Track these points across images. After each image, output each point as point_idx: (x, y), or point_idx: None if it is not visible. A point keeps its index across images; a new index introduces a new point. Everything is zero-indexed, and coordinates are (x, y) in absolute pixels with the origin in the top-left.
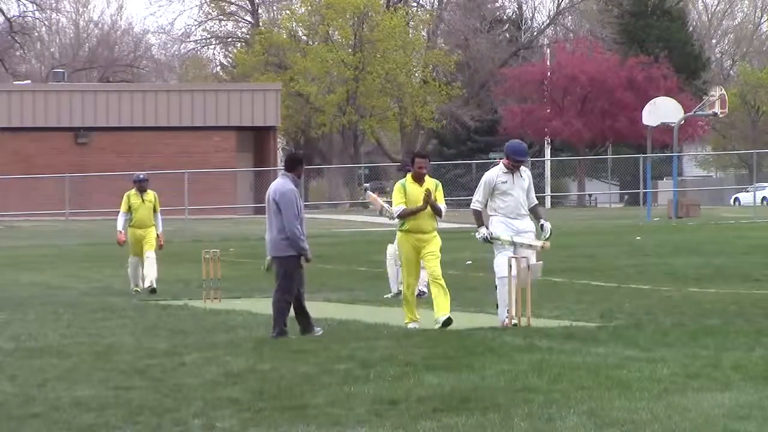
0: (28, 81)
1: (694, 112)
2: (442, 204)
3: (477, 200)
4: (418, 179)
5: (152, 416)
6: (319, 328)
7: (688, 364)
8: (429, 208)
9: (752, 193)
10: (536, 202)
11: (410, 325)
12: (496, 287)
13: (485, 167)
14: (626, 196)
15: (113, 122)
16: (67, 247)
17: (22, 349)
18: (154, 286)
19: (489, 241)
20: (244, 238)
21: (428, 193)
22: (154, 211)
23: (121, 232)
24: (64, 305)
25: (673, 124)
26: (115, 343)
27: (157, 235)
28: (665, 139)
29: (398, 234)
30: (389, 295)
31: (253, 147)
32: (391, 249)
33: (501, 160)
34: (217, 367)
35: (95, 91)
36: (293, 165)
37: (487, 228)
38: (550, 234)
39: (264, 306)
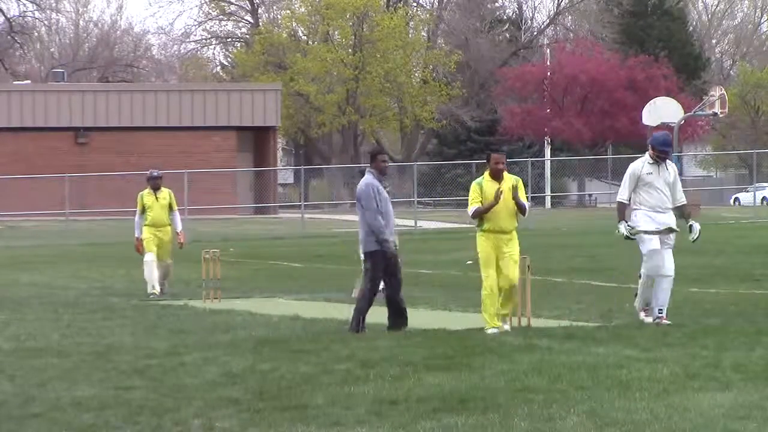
0: (28, 81)
1: (694, 112)
2: (524, 201)
3: (622, 193)
4: (496, 177)
5: (152, 416)
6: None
7: (688, 364)
8: (510, 205)
9: (752, 193)
10: (684, 200)
11: (490, 331)
12: (639, 276)
13: (485, 167)
14: None
15: (113, 122)
16: (67, 247)
17: (22, 349)
18: (165, 291)
19: (631, 237)
20: (244, 238)
21: (499, 191)
22: (171, 209)
23: (138, 239)
24: (64, 305)
25: (673, 124)
26: (115, 343)
27: (177, 233)
28: None
29: (477, 235)
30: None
31: (253, 147)
32: None
33: (647, 152)
34: (217, 367)
35: (95, 91)
36: (371, 158)
37: (627, 222)
38: (699, 235)
39: (264, 306)
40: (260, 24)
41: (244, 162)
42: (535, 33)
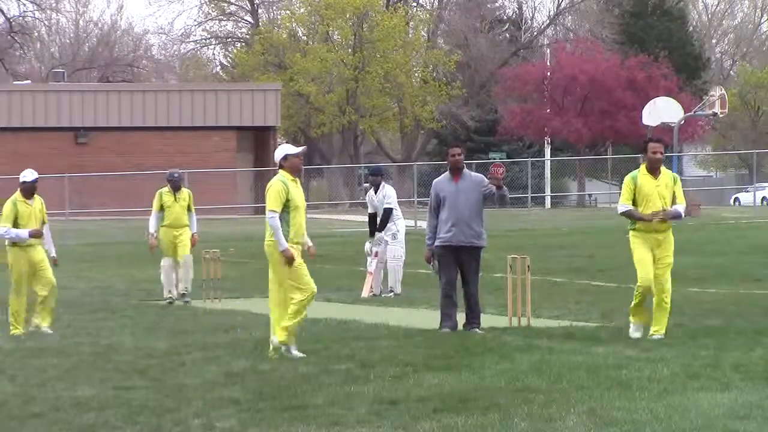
0: (28, 81)
1: (694, 112)
2: (681, 205)
3: None
4: (653, 169)
5: (152, 416)
6: (480, 330)
7: (688, 364)
8: (668, 201)
9: (752, 193)
10: None
11: (633, 332)
12: None
13: (485, 167)
14: None
15: (113, 122)
16: (67, 247)
17: (22, 349)
18: (188, 291)
19: None
20: (244, 238)
21: (654, 214)
22: (189, 210)
23: (152, 235)
24: (64, 305)
25: (673, 124)
26: (115, 343)
27: (192, 234)
28: (665, 139)
29: (630, 233)
30: (368, 295)
31: (253, 147)
32: (368, 247)
33: None
34: (217, 367)
35: (95, 91)
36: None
37: None
38: None
39: (264, 306)
40: (260, 24)
41: (244, 162)
42: (535, 33)
